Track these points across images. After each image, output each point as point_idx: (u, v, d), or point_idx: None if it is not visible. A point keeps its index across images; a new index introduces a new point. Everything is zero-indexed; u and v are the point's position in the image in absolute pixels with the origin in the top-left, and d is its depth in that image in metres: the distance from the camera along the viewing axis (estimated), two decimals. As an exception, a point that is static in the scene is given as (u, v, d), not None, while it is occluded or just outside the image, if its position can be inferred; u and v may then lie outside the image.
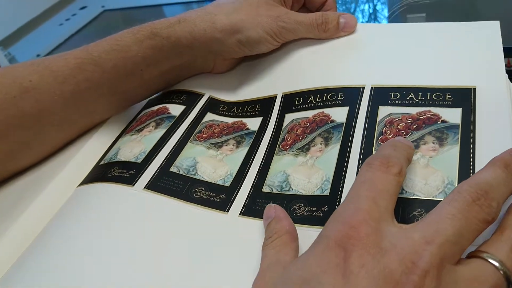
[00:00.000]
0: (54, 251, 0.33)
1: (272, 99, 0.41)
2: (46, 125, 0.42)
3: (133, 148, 0.41)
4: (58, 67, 0.41)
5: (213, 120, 0.42)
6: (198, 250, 0.31)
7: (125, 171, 0.38)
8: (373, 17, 0.70)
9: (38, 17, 1.00)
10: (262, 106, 0.41)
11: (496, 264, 0.21)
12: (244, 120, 0.41)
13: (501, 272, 0.21)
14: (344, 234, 0.22)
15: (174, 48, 0.42)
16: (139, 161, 0.39)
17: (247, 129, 0.40)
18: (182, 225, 0.33)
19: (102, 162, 0.41)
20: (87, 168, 0.42)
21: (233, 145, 0.39)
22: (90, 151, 0.43)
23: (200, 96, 0.45)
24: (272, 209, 0.31)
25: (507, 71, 0.43)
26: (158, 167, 0.38)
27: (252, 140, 0.39)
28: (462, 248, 0.22)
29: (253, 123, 0.40)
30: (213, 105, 0.44)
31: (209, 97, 0.45)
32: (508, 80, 0.34)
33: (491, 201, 0.22)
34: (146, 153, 0.40)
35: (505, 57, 0.45)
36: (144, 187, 0.36)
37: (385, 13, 0.68)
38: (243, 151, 0.38)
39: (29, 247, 0.35)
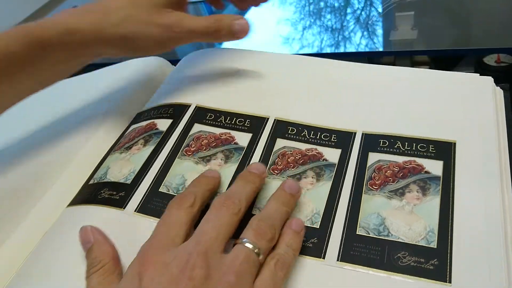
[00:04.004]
0: (44, 277, 0.34)
1: (263, 119, 0.43)
2: None
3: (122, 168, 0.41)
4: None
5: (200, 131, 0.43)
6: None
7: (115, 192, 0.39)
8: (369, 3, 0.71)
9: (29, 18, 0.95)
10: (252, 123, 0.43)
11: (247, 244, 0.29)
12: (233, 133, 0.42)
13: (251, 247, 0.29)
14: (140, 262, 0.29)
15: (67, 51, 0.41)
16: (128, 181, 0.40)
17: (236, 143, 0.41)
18: None
19: (91, 181, 0.42)
20: (76, 185, 0.42)
21: (221, 159, 0.40)
22: (79, 167, 0.43)
23: (187, 107, 0.46)
24: (89, 232, 0.34)
25: (496, 67, 0.47)
26: (148, 188, 0.39)
27: (241, 156, 0.40)
28: (223, 238, 0.30)
29: (242, 139, 0.42)
30: (200, 115, 0.45)
31: (195, 106, 0.46)
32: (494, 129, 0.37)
33: (234, 200, 0.32)
34: (135, 173, 0.40)
35: (494, 53, 0.48)
36: (135, 210, 0.37)
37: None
38: (231, 167, 0.39)
39: (19, 270, 0.36)
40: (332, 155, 0.39)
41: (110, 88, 0.54)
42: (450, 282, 0.30)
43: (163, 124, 0.45)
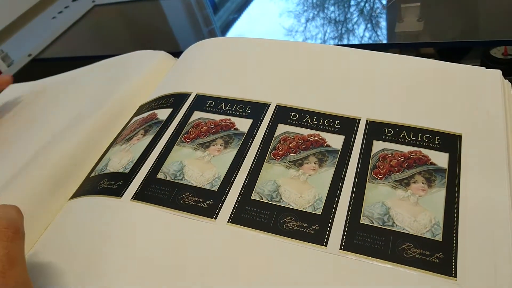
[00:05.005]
0: (47, 272, 0.34)
1: (265, 105, 0.42)
2: None
3: (122, 159, 0.41)
4: None
5: (200, 118, 0.42)
6: (185, 260, 0.32)
7: (113, 182, 0.38)
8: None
9: (30, 10, 0.95)
10: (253, 109, 0.42)
11: None
12: (233, 119, 0.42)
13: None
14: None
15: None
16: (127, 171, 0.39)
17: (236, 129, 0.41)
18: (169, 235, 0.34)
19: (93, 174, 0.41)
20: (77, 178, 0.42)
21: (220, 145, 0.40)
22: (80, 161, 0.43)
23: (187, 95, 0.45)
24: None
25: (503, 60, 0.46)
26: (145, 175, 0.38)
27: (241, 142, 0.39)
28: None
29: (243, 124, 0.41)
30: (200, 102, 0.44)
31: (196, 94, 0.45)
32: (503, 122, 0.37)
33: None
34: (134, 162, 0.40)
35: (502, 45, 0.47)
36: (132, 198, 0.37)
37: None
38: (231, 152, 0.39)
39: None
40: (335, 141, 0.38)
41: (112, 80, 0.53)
42: (455, 276, 0.29)
43: (163, 113, 0.44)
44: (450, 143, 0.36)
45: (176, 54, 0.57)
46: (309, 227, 0.32)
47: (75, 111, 0.50)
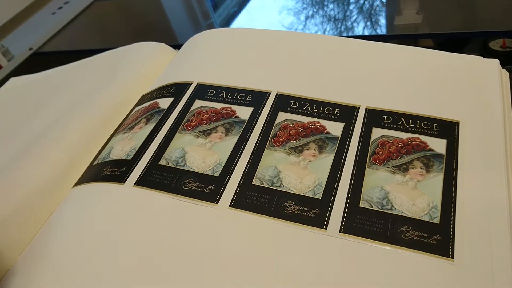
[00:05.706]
0: (51, 258, 0.34)
1: (265, 94, 0.43)
2: None
3: (124, 146, 0.41)
4: None
5: (201, 107, 0.43)
6: (187, 244, 0.32)
7: (116, 169, 0.39)
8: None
9: (30, 6, 0.95)
10: (254, 98, 0.43)
11: None
12: (234, 107, 0.42)
13: None
14: None
15: None
16: (129, 158, 0.40)
17: (237, 117, 0.41)
18: (172, 219, 0.35)
19: (95, 162, 0.42)
20: (80, 167, 0.42)
21: (222, 132, 0.40)
22: (82, 150, 0.44)
23: (189, 85, 0.46)
24: None
25: (502, 52, 0.47)
26: (148, 162, 0.39)
27: (242, 129, 0.40)
28: None
29: (244, 112, 0.42)
30: (201, 91, 0.45)
31: (197, 84, 0.46)
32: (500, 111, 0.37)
33: None
34: (136, 149, 0.40)
35: (500, 36, 0.47)
36: (134, 184, 0.37)
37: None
38: (232, 139, 0.39)
39: (25, 251, 0.36)
40: (335, 128, 0.38)
41: (113, 71, 0.54)
42: (452, 257, 0.29)
43: (164, 102, 0.45)
44: (448, 129, 0.37)
45: (175, 47, 0.57)
46: (309, 211, 0.33)
47: (77, 102, 0.50)
